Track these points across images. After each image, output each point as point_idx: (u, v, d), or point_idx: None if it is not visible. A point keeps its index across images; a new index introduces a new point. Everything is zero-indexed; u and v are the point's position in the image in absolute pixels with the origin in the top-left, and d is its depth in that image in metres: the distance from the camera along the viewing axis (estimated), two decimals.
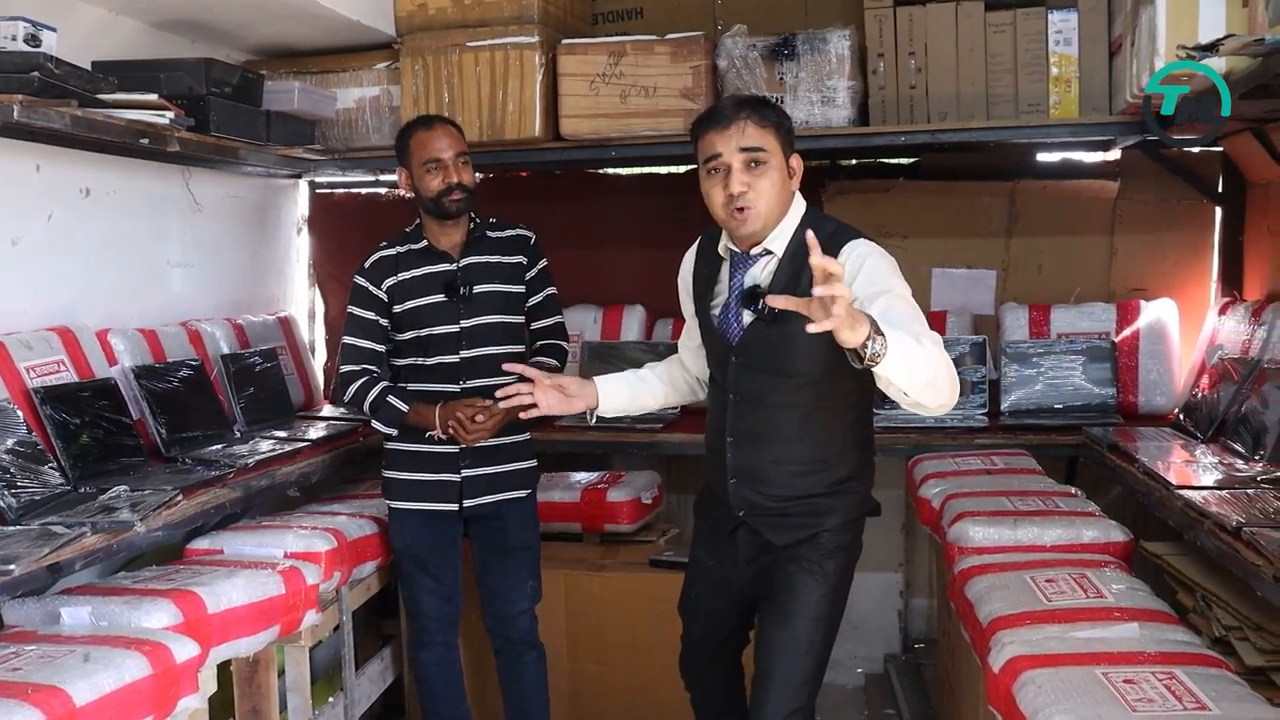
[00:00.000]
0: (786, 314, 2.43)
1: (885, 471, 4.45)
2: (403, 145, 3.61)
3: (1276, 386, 3.41)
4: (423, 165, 3.53)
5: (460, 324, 3.58)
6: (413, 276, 3.60)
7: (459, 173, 3.53)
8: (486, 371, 3.58)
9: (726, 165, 2.65)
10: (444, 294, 3.58)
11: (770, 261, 2.73)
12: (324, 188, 5.56)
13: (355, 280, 3.65)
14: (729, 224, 2.71)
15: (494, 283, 3.63)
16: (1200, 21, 3.13)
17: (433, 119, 3.64)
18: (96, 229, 4.02)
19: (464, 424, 3.48)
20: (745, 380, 2.76)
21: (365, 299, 3.63)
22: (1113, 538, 3.23)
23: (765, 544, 2.86)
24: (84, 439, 3.42)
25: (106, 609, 2.83)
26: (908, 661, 4.97)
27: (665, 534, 4.49)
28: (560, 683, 4.05)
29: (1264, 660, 2.70)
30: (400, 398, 3.57)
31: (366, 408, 3.60)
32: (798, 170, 2.73)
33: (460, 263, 3.61)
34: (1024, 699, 2.33)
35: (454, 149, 3.55)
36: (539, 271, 3.73)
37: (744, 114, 2.65)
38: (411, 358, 3.64)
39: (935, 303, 4.96)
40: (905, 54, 4.33)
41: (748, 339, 2.74)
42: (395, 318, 3.62)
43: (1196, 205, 4.84)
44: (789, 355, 2.68)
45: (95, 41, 3.82)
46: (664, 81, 4.34)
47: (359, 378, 3.60)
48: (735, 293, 2.78)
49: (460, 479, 3.62)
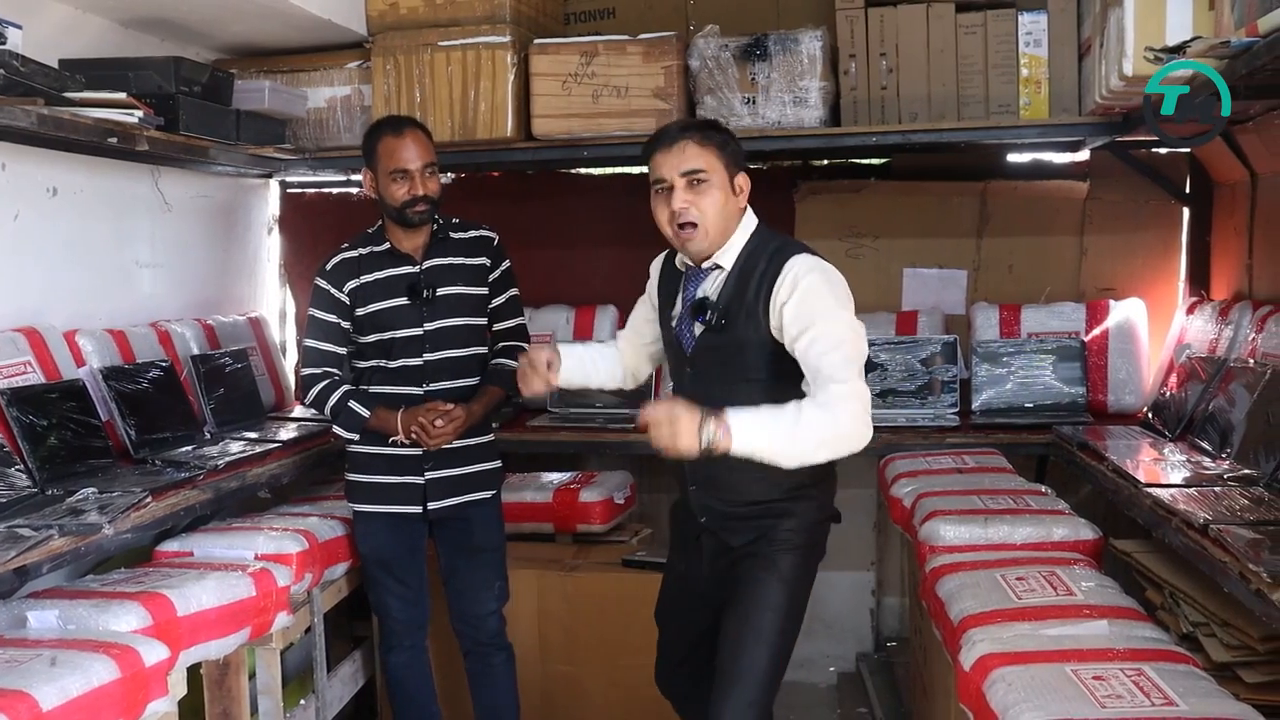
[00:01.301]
0: (733, 321, 2.73)
1: (857, 471, 4.50)
2: (370, 148, 3.56)
3: (1243, 385, 3.44)
4: (389, 174, 3.49)
5: (423, 326, 3.56)
6: (375, 279, 3.57)
7: (425, 184, 3.49)
8: (449, 374, 3.58)
9: (670, 185, 2.75)
10: (407, 297, 3.55)
11: (720, 275, 2.82)
12: (295, 187, 5.53)
13: (316, 283, 3.62)
14: (676, 242, 2.82)
15: (457, 285, 3.61)
16: (1168, 24, 3.15)
17: (403, 124, 3.57)
18: (64, 229, 3.99)
19: (426, 429, 3.47)
20: (700, 388, 2.80)
21: (326, 301, 3.59)
22: (1082, 536, 3.25)
23: (725, 546, 2.93)
24: (51, 441, 3.39)
25: (74, 612, 2.80)
26: (880, 660, 4.99)
27: (638, 534, 4.49)
28: (532, 683, 4.05)
29: (1230, 656, 2.72)
30: (362, 403, 3.55)
31: (328, 412, 3.59)
32: (744, 188, 2.81)
33: (423, 265, 3.59)
34: (994, 696, 2.34)
35: (422, 159, 3.50)
36: (502, 273, 3.70)
37: (686, 136, 2.76)
38: (374, 360, 3.61)
39: (907, 303, 4.99)
40: (876, 55, 4.34)
41: (699, 348, 2.84)
42: (357, 320, 3.59)
43: (1165, 206, 4.88)
44: (738, 363, 2.79)
45: (62, 39, 3.79)
46: (636, 81, 4.34)
47: (320, 381, 3.58)
48: (686, 305, 2.88)
49: (424, 481, 3.60)
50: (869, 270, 4.89)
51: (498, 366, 3.67)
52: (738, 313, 2.76)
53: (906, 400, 4.60)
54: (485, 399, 3.61)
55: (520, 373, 3.01)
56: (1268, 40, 2.48)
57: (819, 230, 4.92)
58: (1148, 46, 3.05)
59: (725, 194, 2.76)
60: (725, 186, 2.76)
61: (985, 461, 4.02)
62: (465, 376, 3.62)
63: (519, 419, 4.79)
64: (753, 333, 2.74)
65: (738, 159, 2.80)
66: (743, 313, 2.75)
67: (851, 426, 2.55)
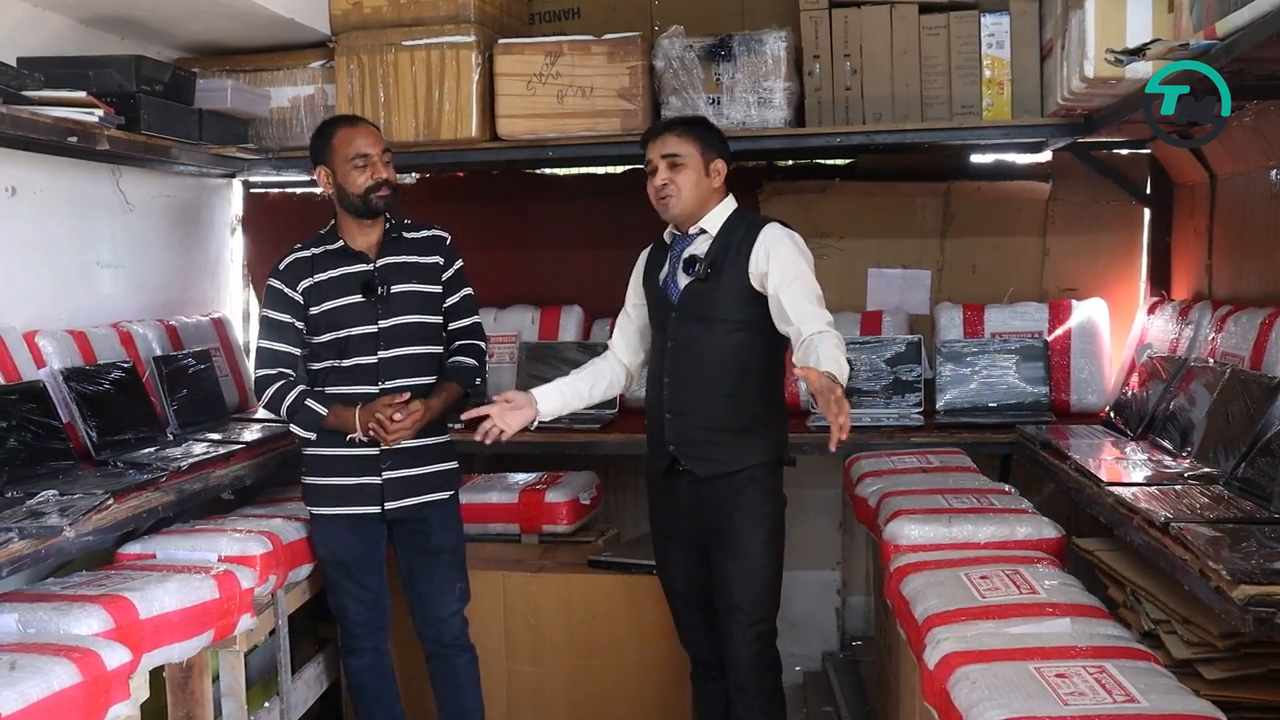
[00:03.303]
0: (716, 273, 3.30)
1: (822, 470, 4.52)
2: (323, 143, 3.57)
3: (1203, 384, 3.47)
4: (349, 161, 3.49)
5: (378, 324, 3.55)
6: (329, 277, 3.56)
7: (386, 169, 3.53)
8: (405, 372, 3.56)
9: (655, 167, 3.37)
10: (361, 294, 3.54)
11: (707, 239, 3.37)
12: (258, 187, 5.49)
13: (269, 283, 3.61)
14: (659, 209, 3.40)
15: (411, 282, 3.60)
16: (1128, 26, 3.18)
17: (355, 118, 3.65)
18: (23, 228, 3.95)
19: (384, 424, 3.45)
20: (682, 329, 3.35)
21: (280, 301, 3.58)
22: (1045, 534, 3.26)
23: (698, 482, 3.34)
24: (11, 443, 3.35)
25: (34, 616, 2.77)
26: (845, 659, 5.01)
27: (604, 534, 4.49)
28: (497, 684, 4.04)
29: (1191, 653, 2.75)
30: (319, 401, 3.53)
31: (284, 412, 3.56)
32: (720, 171, 3.38)
33: (377, 263, 3.58)
34: (958, 695, 2.35)
35: (378, 146, 3.55)
36: (455, 272, 3.70)
37: (669, 129, 3.40)
38: (328, 360, 3.59)
39: (871, 303, 5.01)
40: (840, 56, 4.36)
41: (685, 296, 3.37)
42: (311, 320, 3.58)
43: (1126, 207, 4.92)
44: (717, 305, 3.32)
45: (21, 37, 3.75)
46: (601, 82, 4.34)
47: (275, 381, 3.55)
48: (676, 261, 3.40)
49: (381, 481, 3.58)
50: (834, 270, 4.89)
51: (455, 364, 3.66)
52: (722, 266, 3.30)
53: (871, 400, 4.62)
54: (443, 394, 3.59)
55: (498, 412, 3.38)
56: (1225, 43, 2.51)
57: None
58: (1108, 49, 3.08)
59: (698, 174, 3.34)
60: (699, 168, 3.34)
61: (949, 461, 4.04)
62: (421, 375, 3.60)
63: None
64: (734, 280, 3.27)
65: (715, 148, 3.38)
66: (726, 266, 3.29)
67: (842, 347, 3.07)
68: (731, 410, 3.32)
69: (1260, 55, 2.50)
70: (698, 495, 3.35)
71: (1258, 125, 3.61)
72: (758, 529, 3.31)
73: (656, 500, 3.53)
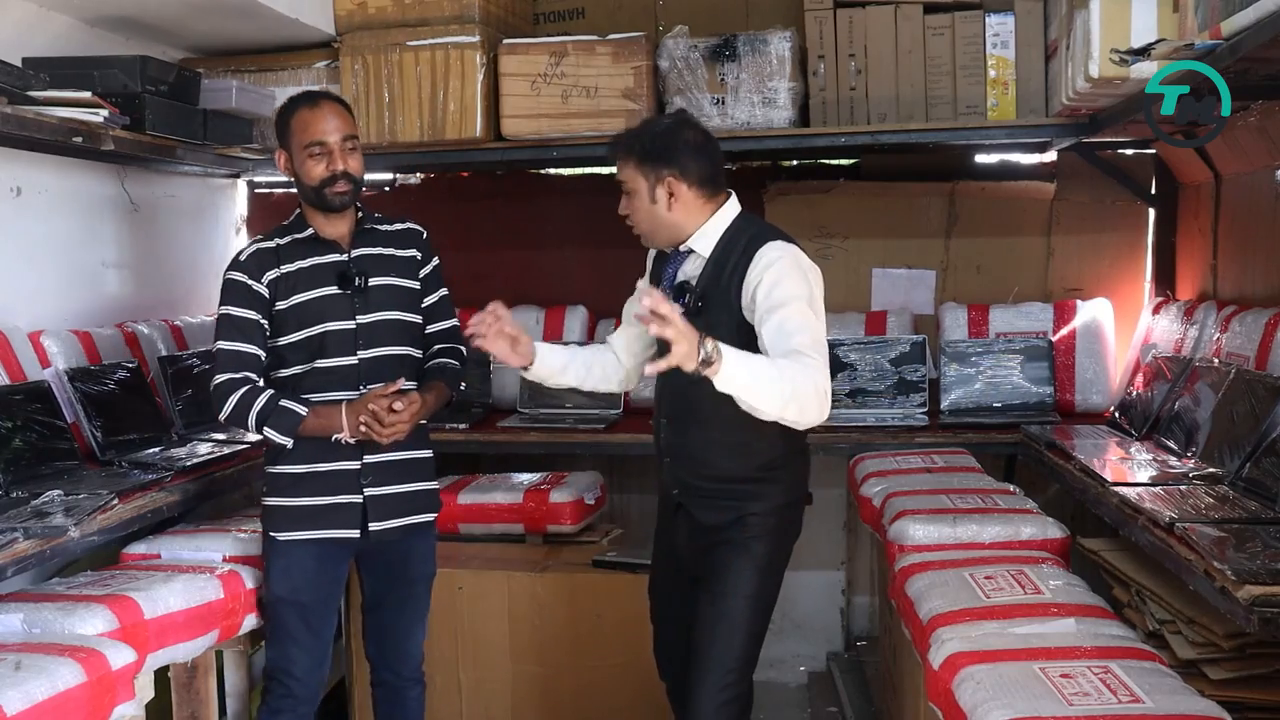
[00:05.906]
0: (709, 305, 2.85)
1: (827, 470, 4.51)
2: (283, 125, 3.15)
3: (1208, 384, 3.47)
4: (304, 148, 3.08)
5: (356, 319, 3.14)
6: (299, 268, 3.15)
7: (345, 159, 3.09)
8: (387, 375, 3.14)
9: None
10: (337, 285, 3.14)
11: (699, 261, 2.93)
12: (263, 187, 5.50)
13: (228, 276, 3.17)
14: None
15: (389, 275, 3.21)
16: (1133, 26, 3.18)
17: (318, 95, 3.19)
18: (29, 229, 3.95)
19: (379, 417, 3.04)
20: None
21: (242, 295, 3.13)
22: (1050, 534, 3.26)
23: (699, 526, 2.99)
24: (16, 443, 3.36)
25: (39, 616, 2.78)
26: (850, 659, 5.01)
27: (608, 534, 4.48)
28: (502, 684, 4.04)
29: (1196, 653, 2.75)
30: (296, 401, 3.10)
31: (253, 417, 3.07)
32: (674, 191, 2.86)
33: (351, 253, 3.19)
34: (963, 695, 2.35)
35: (341, 131, 3.10)
36: (433, 269, 3.33)
37: (614, 151, 2.94)
38: (299, 365, 3.16)
39: (875, 303, 5.01)
40: (845, 55, 4.36)
41: None
42: (278, 317, 3.14)
43: (1131, 206, 4.91)
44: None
45: (26, 37, 3.75)
46: (605, 82, 4.34)
47: (240, 387, 3.08)
48: (668, 287, 2.97)
49: (363, 500, 3.16)
50: (838, 270, 4.90)
51: (442, 364, 3.30)
52: (713, 297, 2.86)
53: (876, 400, 4.61)
54: (435, 391, 3.21)
55: (481, 319, 2.88)
56: (1230, 43, 2.51)
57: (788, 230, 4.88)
58: (1113, 49, 3.08)
59: (645, 200, 2.88)
60: (646, 192, 2.88)
61: (954, 461, 4.04)
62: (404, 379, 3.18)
63: (489, 420, 4.78)
64: (725, 315, 2.82)
65: (664, 160, 2.85)
66: (718, 297, 2.85)
67: (816, 396, 2.60)
68: (737, 459, 2.92)
69: (1265, 55, 2.49)
70: (695, 536, 3.02)
71: (1263, 125, 3.61)
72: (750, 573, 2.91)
73: (661, 523, 3.21)
